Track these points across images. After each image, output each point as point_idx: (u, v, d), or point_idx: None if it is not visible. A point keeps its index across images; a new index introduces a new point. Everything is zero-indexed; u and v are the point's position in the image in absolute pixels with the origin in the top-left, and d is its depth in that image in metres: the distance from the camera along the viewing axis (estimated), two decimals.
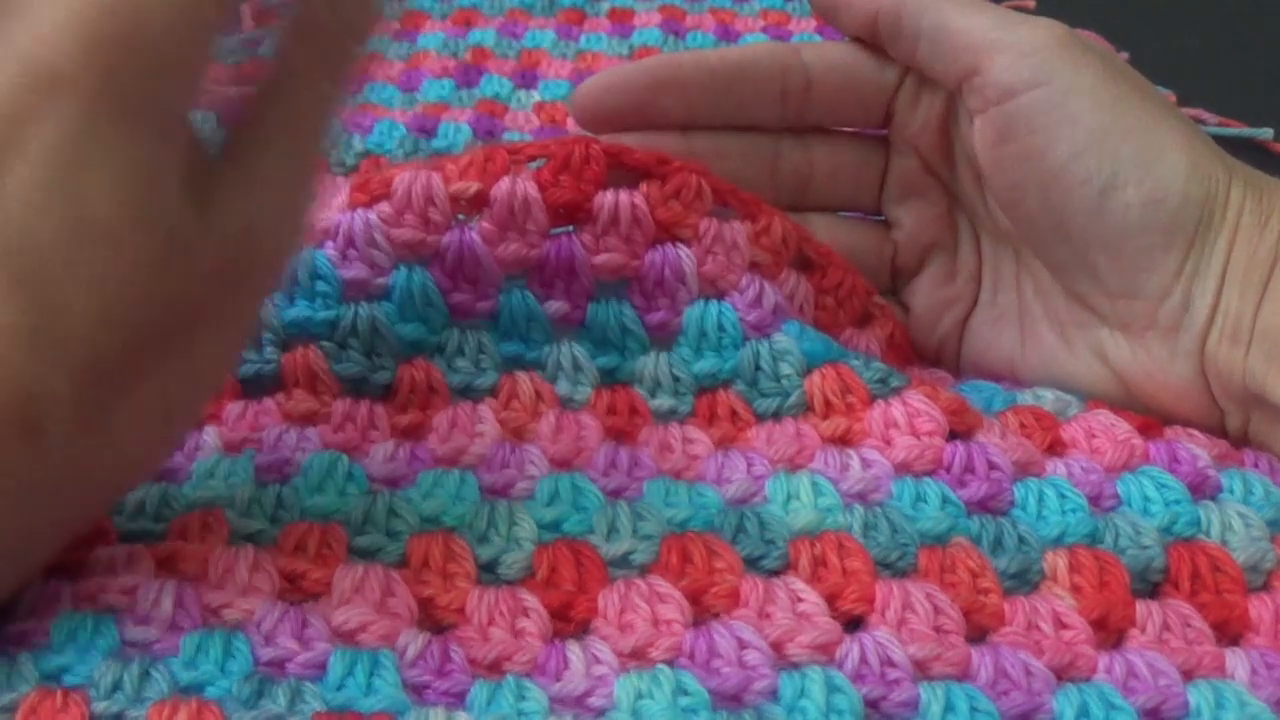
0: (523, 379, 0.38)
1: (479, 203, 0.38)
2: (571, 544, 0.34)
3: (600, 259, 0.38)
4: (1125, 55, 0.59)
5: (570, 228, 0.39)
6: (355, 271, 0.38)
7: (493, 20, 0.64)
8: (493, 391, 0.38)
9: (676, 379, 0.39)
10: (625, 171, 0.39)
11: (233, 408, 0.38)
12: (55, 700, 0.29)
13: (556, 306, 0.39)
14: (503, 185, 0.38)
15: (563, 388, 0.39)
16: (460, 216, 0.38)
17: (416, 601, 0.32)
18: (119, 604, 0.31)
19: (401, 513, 0.35)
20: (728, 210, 0.39)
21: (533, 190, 0.38)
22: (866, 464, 0.36)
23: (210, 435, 0.37)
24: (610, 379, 0.39)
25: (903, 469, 0.36)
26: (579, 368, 0.39)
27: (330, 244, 0.38)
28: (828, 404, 0.38)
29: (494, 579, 0.33)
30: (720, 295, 0.39)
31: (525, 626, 0.32)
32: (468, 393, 0.38)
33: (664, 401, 0.39)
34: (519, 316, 0.38)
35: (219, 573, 0.33)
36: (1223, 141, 0.54)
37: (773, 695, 0.30)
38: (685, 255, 0.38)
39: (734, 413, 0.39)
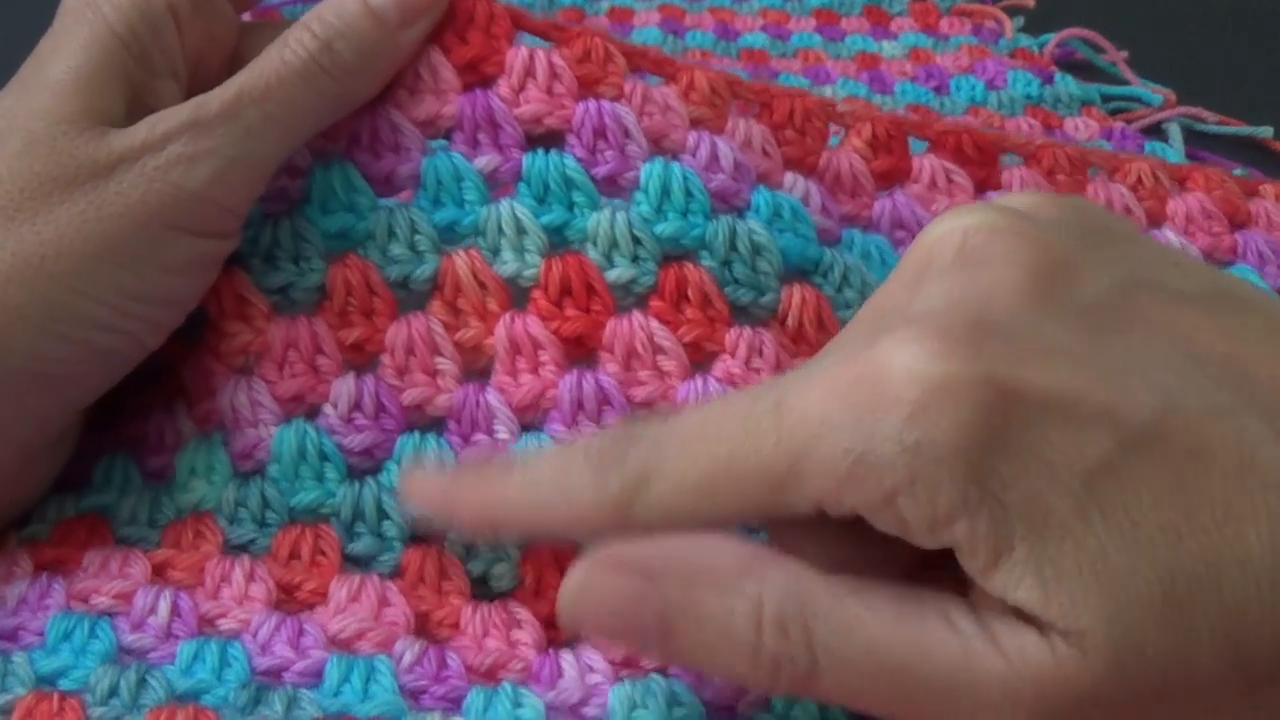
0: (462, 265, 0.35)
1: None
2: (554, 549, 0.33)
3: (522, 109, 0.36)
4: (1125, 54, 0.59)
5: None
6: (275, 182, 0.35)
7: None
8: (436, 282, 0.35)
9: (637, 240, 0.35)
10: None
11: (192, 374, 0.36)
12: (51, 704, 0.29)
13: (486, 160, 0.36)
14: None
15: (508, 262, 0.35)
16: None
17: (414, 614, 0.33)
18: (115, 608, 0.32)
19: (391, 513, 0.34)
20: (642, 74, 0.37)
21: (435, 53, 0.36)
22: None
23: (182, 417, 0.36)
24: (559, 240, 0.35)
25: None
26: (522, 230, 0.35)
27: None
28: (800, 329, 0.36)
29: (485, 591, 0.34)
30: (672, 156, 0.36)
31: (519, 637, 0.32)
32: (409, 288, 0.35)
33: (622, 270, 0.35)
34: (446, 177, 0.35)
35: (215, 582, 0.33)
36: (1223, 140, 0.55)
37: (765, 705, 0.30)
38: (623, 109, 0.36)
39: (706, 297, 0.35)
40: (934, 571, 0.27)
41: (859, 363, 0.26)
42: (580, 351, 0.35)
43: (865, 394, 0.25)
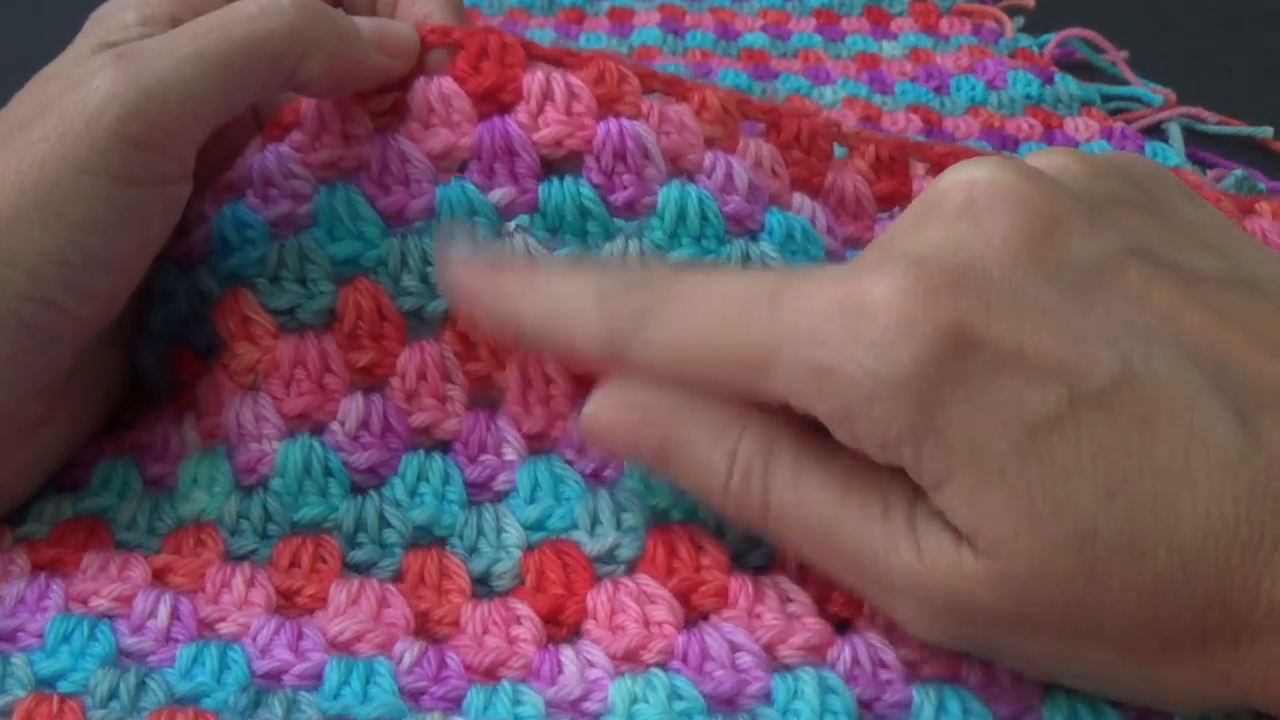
0: None
1: (398, 111, 0.36)
2: (556, 545, 0.34)
3: (541, 133, 0.35)
4: (1125, 55, 0.59)
5: None
6: (279, 208, 0.35)
7: (492, 20, 0.64)
8: (449, 316, 0.35)
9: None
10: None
11: (203, 389, 0.36)
12: (51, 706, 0.29)
13: (501, 193, 0.35)
14: (417, 86, 0.36)
15: None
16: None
17: (413, 614, 0.33)
18: (115, 611, 0.32)
19: (394, 522, 0.34)
20: (655, 94, 0.37)
21: (448, 84, 0.36)
22: None
23: (189, 428, 0.36)
24: None
25: None
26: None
27: (250, 191, 0.36)
28: None
29: (486, 591, 0.34)
30: (688, 176, 0.36)
31: (519, 634, 0.32)
32: (421, 319, 0.36)
33: None
34: (460, 210, 0.35)
35: (215, 588, 0.33)
36: (1223, 140, 0.55)
37: (766, 698, 0.30)
38: (643, 128, 0.35)
39: None
40: None
41: (849, 285, 0.28)
42: (590, 385, 0.35)
43: (845, 316, 0.28)
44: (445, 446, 0.36)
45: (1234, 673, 0.27)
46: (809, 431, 0.30)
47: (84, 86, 0.31)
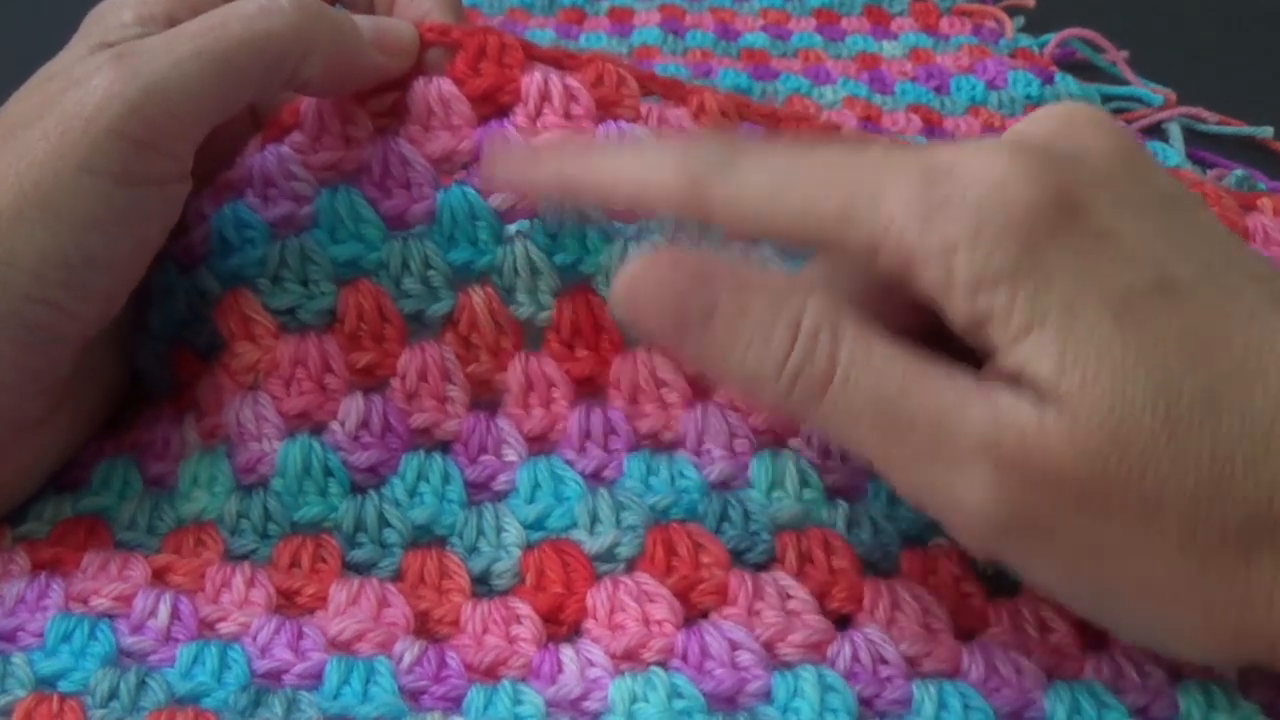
0: (479, 303, 0.35)
1: (398, 112, 0.36)
2: (556, 544, 0.34)
3: (541, 138, 0.35)
4: (1125, 54, 0.59)
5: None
6: (280, 209, 0.35)
7: (492, 19, 0.64)
8: (451, 318, 0.36)
9: None
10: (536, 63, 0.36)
11: (203, 389, 0.36)
12: (51, 706, 0.29)
13: (502, 198, 0.35)
14: (416, 88, 0.36)
15: (523, 304, 0.36)
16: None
17: (413, 614, 0.33)
18: (115, 610, 0.32)
19: (394, 522, 0.35)
20: (653, 97, 0.37)
21: (448, 86, 0.36)
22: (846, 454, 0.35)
23: (189, 428, 0.36)
24: (573, 275, 0.36)
25: None
26: (537, 272, 0.35)
27: (249, 191, 0.36)
28: None
29: (486, 590, 0.34)
30: None
31: (519, 633, 0.32)
32: (422, 321, 0.36)
33: None
34: (461, 215, 0.35)
35: (215, 587, 0.33)
36: (1223, 140, 0.55)
37: (766, 696, 0.30)
38: (642, 131, 0.35)
39: None
40: None
41: (966, 143, 0.29)
42: (589, 387, 0.36)
43: (966, 158, 0.28)
44: (445, 447, 0.36)
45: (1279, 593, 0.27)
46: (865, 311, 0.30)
47: (83, 86, 0.31)
